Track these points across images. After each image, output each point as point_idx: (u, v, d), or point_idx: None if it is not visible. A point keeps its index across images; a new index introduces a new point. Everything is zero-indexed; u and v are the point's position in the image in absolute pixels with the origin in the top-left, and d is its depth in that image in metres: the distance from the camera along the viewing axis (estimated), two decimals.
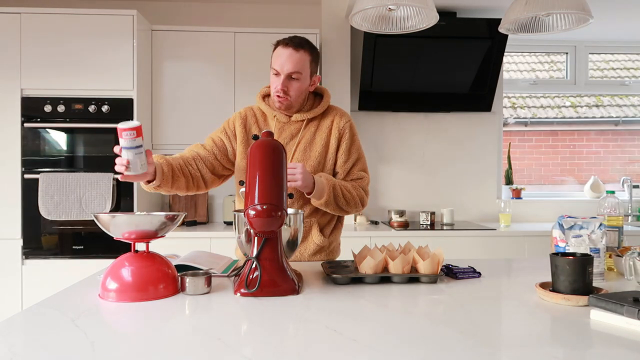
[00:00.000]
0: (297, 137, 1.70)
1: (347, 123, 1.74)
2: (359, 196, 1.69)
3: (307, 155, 1.69)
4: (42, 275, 2.93)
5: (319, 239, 1.70)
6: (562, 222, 1.40)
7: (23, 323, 0.98)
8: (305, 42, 1.64)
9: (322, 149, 1.70)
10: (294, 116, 1.71)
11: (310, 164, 1.68)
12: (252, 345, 0.87)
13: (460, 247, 3.07)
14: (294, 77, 1.61)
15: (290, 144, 1.70)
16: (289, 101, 1.65)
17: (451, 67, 3.35)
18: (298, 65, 1.60)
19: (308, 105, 1.74)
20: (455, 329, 0.95)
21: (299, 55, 1.60)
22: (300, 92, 1.65)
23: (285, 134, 1.71)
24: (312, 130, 1.72)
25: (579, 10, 1.57)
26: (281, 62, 1.61)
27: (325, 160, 1.71)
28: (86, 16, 2.94)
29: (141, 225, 1.20)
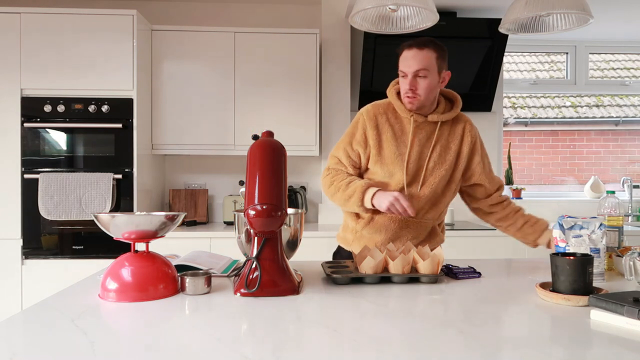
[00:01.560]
0: (432, 138, 1.71)
1: (477, 131, 1.79)
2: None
3: (443, 159, 1.71)
4: (42, 275, 2.92)
5: (439, 238, 1.79)
6: (562, 222, 1.40)
7: (23, 323, 0.98)
8: (429, 41, 1.64)
9: (454, 155, 1.73)
10: (429, 117, 1.71)
11: (445, 167, 1.71)
12: (251, 345, 0.87)
13: (460, 247, 3.07)
14: (420, 74, 1.62)
15: (427, 145, 1.71)
16: (419, 100, 1.65)
17: (451, 67, 3.32)
18: (423, 62, 1.61)
19: (441, 107, 1.74)
20: (455, 329, 0.95)
21: (424, 53, 1.61)
22: (430, 90, 1.65)
23: (421, 134, 1.71)
24: (445, 135, 1.73)
25: (579, 10, 1.57)
26: (407, 64, 1.63)
27: (456, 167, 1.74)
28: (86, 16, 2.94)
29: (141, 225, 1.20)
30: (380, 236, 1.73)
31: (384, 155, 1.70)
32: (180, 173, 3.58)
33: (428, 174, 1.70)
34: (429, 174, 1.70)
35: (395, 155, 1.69)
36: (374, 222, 1.73)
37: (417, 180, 1.70)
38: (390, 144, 1.69)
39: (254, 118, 3.25)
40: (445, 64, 1.68)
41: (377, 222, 1.73)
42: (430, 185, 1.69)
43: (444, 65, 1.68)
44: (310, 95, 3.26)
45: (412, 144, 1.69)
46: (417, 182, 1.70)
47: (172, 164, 3.58)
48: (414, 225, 1.72)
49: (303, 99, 3.25)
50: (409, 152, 1.69)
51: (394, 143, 1.69)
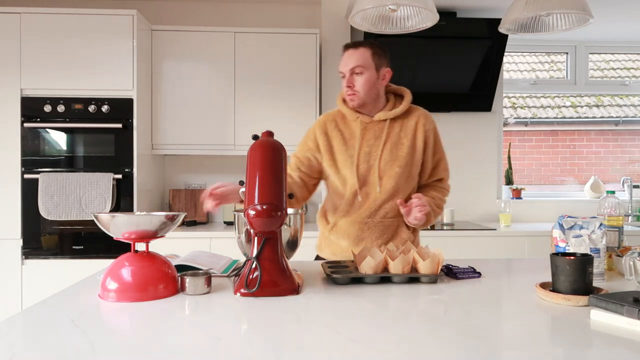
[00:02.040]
0: (381, 137, 1.72)
1: (432, 123, 1.78)
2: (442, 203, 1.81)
3: (395, 155, 1.70)
4: (42, 275, 2.93)
5: (406, 234, 1.75)
6: (562, 222, 1.40)
7: (23, 323, 0.98)
8: (366, 41, 1.69)
9: (409, 150, 1.72)
10: (376, 116, 1.72)
11: (398, 164, 1.70)
12: (252, 345, 0.87)
13: (460, 247, 3.07)
14: (357, 71, 1.65)
15: (376, 144, 1.71)
16: (359, 96, 1.67)
17: (451, 67, 3.35)
18: (359, 60, 1.64)
19: (389, 105, 1.75)
20: (455, 329, 0.95)
21: (359, 51, 1.66)
22: (369, 86, 1.67)
23: (369, 134, 1.72)
24: (396, 131, 1.73)
25: (579, 10, 1.57)
26: (344, 63, 1.68)
27: (413, 162, 1.73)
28: (86, 16, 2.94)
29: (141, 225, 1.20)
30: (345, 241, 1.74)
31: (336, 161, 1.73)
32: (180, 173, 3.58)
33: (381, 173, 1.69)
34: (383, 173, 1.69)
35: (345, 159, 1.71)
36: (337, 227, 1.75)
37: (370, 181, 1.70)
38: (340, 149, 1.72)
39: (254, 118, 3.25)
40: (384, 61, 1.71)
41: (340, 227, 1.74)
42: (387, 186, 1.69)
43: (383, 62, 1.70)
44: (310, 95, 3.26)
45: (360, 145, 1.71)
46: (370, 184, 1.70)
47: (172, 164, 3.58)
48: (375, 226, 1.72)
49: (303, 98, 3.25)
50: (357, 154, 1.70)
51: (343, 148, 1.72)
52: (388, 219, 1.72)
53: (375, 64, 1.67)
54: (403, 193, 1.73)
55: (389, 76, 1.73)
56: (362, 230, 1.72)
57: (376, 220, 1.71)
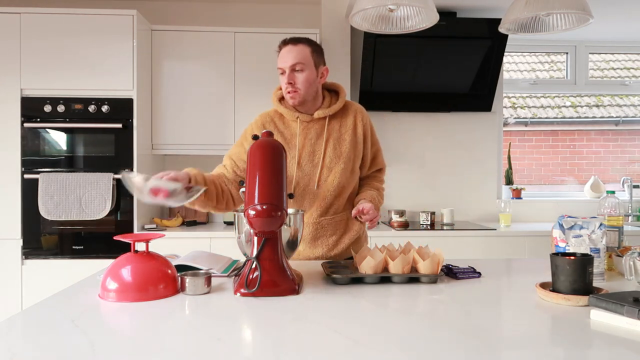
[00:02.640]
0: (323, 135, 1.72)
1: (368, 117, 1.80)
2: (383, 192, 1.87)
3: (338, 151, 1.71)
4: (42, 275, 2.92)
5: (357, 227, 1.76)
6: (562, 222, 1.40)
7: (23, 323, 0.98)
8: (303, 38, 1.68)
9: (351, 145, 1.73)
10: (315, 113, 1.72)
11: (343, 160, 1.71)
12: (252, 345, 0.87)
13: (460, 247, 3.07)
14: (297, 68, 1.64)
15: (318, 143, 1.71)
16: (300, 94, 1.66)
17: (451, 67, 3.35)
18: (298, 56, 1.63)
19: (326, 102, 1.76)
20: (455, 329, 0.95)
21: (298, 48, 1.64)
22: (309, 84, 1.67)
23: (311, 133, 1.72)
24: (336, 127, 1.74)
25: (579, 10, 1.57)
26: (284, 60, 1.65)
27: (355, 156, 1.74)
28: (86, 16, 2.94)
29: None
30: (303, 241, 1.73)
31: None
32: None
33: (326, 171, 1.70)
34: (328, 171, 1.70)
35: (288, 160, 1.70)
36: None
37: (314, 179, 1.70)
38: None
39: (254, 118, 3.24)
40: (322, 59, 1.71)
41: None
42: (332, 183, 1.69)
43: (321, 60, 1.71)
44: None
45: (302, 145, 1.71)
46: (315, 182, 1.70)
47: (172, 164, 3.58)
48: (328, 224, 1.72)
49: None
50: (299, 154, 1.70)
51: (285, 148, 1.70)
52: (338, 215, 1.74)
53: (315, 61, 1.67)
54: (347, 188, 1.75)
55: (327, 74, 1.74)
56: (317, 229, 1.72)
57: (328, 218, 1.72)
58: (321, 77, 1.71)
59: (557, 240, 1.41)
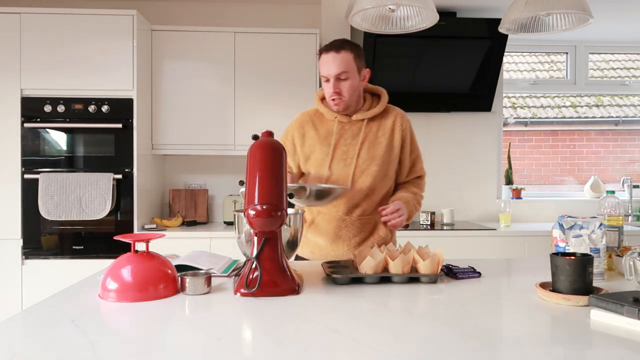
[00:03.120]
0: (359, 136, 1.73)
1: (408, 122, 1.80)
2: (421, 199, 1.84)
3: (372, 154, 1.72)
4: (42, 275, 2.92)
5: (383, 232, 1.76)
6: (562, 222, 1.40)
7: (23, 323, 0.98)
8: (345, 42, 1.67)
9: (386, 149, 1.73)
10: (354, 116, 1.73)
11: (376, 162, 1.71)
12: (252, 345, 0.87)
13: (460, 247, 3.07)
14: (342, 77, 1.65)
15: (353, 144, 1.72)
16: (345, 101, 1.68)
17: (451, 67, 3.35)
18: (342, 65, 1.63)
19: (367, 105, 1.76)
20: (455, 329, 0.95)
21: (341, 55, 1.64)
22: (354, 90, 1.68)
23: (347, 134, 1.73)
24: (374, 130, 1.74)
25: (579, 10, 1.57)
26: (327, 68, 1.65)
27: (390, 161, 1.75)
28: (86, 16, 2.94)
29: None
30: (322, 238, 1.75)
31: (313, 160, 1.74)
32: (180, 173, 3.58)
33: (359, 172, 1.71)
34: (360, 172, 1.71)
35: (322, 158, 1.72)
36: (315, 225, 1.76)
37: (347, 180, 1.71)
38: (317, 148, 1.74)
39: (254, 118, 3.25)
40: (363, 62, 1.71)
41: (317, 224, 1.76)
42: (363, 184, 1.70)
43: (363, 63, 1.71)
44: (310, 94, 3.26)
45: (336, 145, 1.72)
46: (347, 182, 1.70)
47: (172, 164, 3.58)
48: (352, 224, 1.73)
49: (303, 98, 3.25)
50: (332, 152, 1.71)
51: (320, 147, 1.73)
52: (365, 217, 1.74)
53: (357, 66, 1.68)
54: (379, 192, 1.75)
55: (369, 76, 1.74)
56: (340, 227, 1.73)
57: (353, 218, 1.73)
58: (363, 79, 1.72)
59: (557, 240, 1.41)
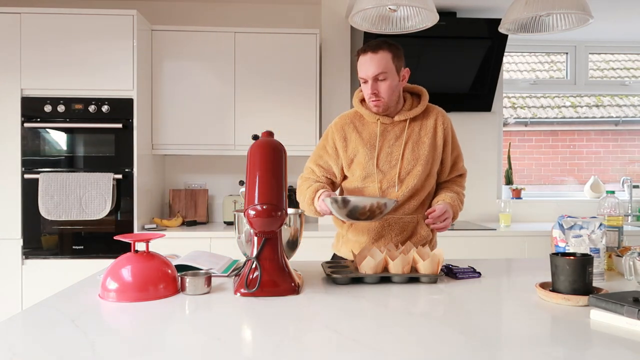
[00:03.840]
0: (402, 137, 1.72)
1: (449, 121, 1.79)
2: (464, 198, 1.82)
3: (416, 154, 1.71)
4: (42, 275, 2.92)
5: (425, 232, 1.75)
6: (562, 222, 1.40)
7: (23, 323, 0.98)
8: (382, 42, 1.65)
9: (430, 148, 1.72)
10: (396, 117, 1.73)
11: (421, 163, 1.71)
12: (251, 345, 0.87)
13: (460, 247, 3.07)
14: (380, 78, 1.63)
15: (397, 145, 1.71)
16: (384, 102, 1.67)
17: (451, 67, 3.35)
18: (380, 65, 1.62)
19: (408, 105, 1.75)
20: (455, 329, 0.95)
21: (379, 56, 1.62)
22: (392, 90, 1.67)
23: (389, 135, 1.72)
24: (416, 130, 1.73)
25: (579, 10, 1.57)
26: (365, 69, 1.64)
27: (434, 159, 1.74)
28: (86, 16, 2.94)
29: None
30: (364, 237, 1.74)
31: (357, 163, 1.73)
32: (180, 173, 3.58)
33: (404, 173, 1.70)
34: (405, 173, 1.70)
35: (366, 160, 1.71)
36: (357, 224, 1.75)
37: (393, 181, 1.70)
38: (360, 151, 1.72)
39: (253, 118, 3.25)
40: (402, 62, 1.70)
41: (360, 223, 1.74)
42: (409, 185, 1.70)
43: (402, 63, 1.69)
44: (310, 95, 3.26)
45: (381, 147, 1.71)
46: (393, 184, 1.70)
47: (172, 164, 3.58)
48: (395, 223, 1.72)
49: (303, 98, 3.25)
50: (377, 155, 1.70)
51: (363, 150, 1.72)
52: (408, 216, 1.73)
53: (396, 66, 1.65)
54: (423, 191, 1.74)
55: (408, 75, 1.72)
56: (383, 227, 1.72)
57: (397, 217, 1.72)
58: (402, 79, 1.70)
59: (557, 240, 1.41)
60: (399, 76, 1.67)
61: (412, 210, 1.73)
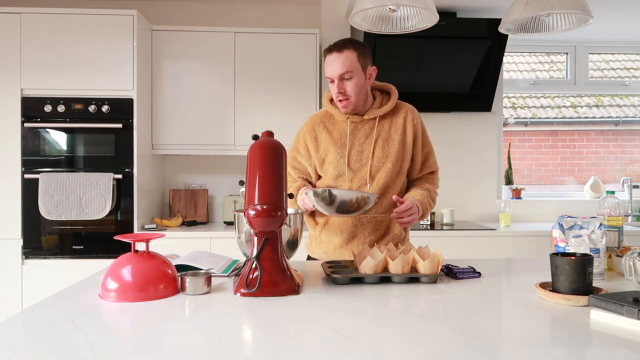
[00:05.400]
0: (372, 135, 1.73)
1: (419, 118, 1.80)
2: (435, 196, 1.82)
3: (387, 151, 1.72)
4: (42, 275, 2.92)
5: (398, 230, 1.76)
6: (562, 222, 1.40)
7: (23, 323, 0.98)
8: (347, 41, 1.66)
9: (399, 145, 1.73)
10: (366, 114, 1.73)
11: (391, 160, 1.71)
12: (251, 345, 0.87)
13: (460, 247, 3.07)
14: (346, 77, 1.64)
15: (367, 143, 1.72)
16: (352, 101, 1.68)
17: (451, 67, 3.35)
18: (346, 65, 1.63)
19: (377, 102, 1.76)
20: (455, 329, 0.95)
21: (344, 55, 1.63)
22: (359, 89, 1.67)
23: (360, 133, 1.74)
24: (386, 128, 1.74)
25: (579, 10, 1.57)
26: (331, 69, 1.65)
27: (404, 156, 1.75)
28: (86, 16, 2.94)
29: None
30: (338, 238, 1.74)
31: (328, 162, 1.74)
32: (180, 173, 3.58)
33: (374, 171, 1.71)
34: (376, 170, 1.71)
35: (338, 160, 1.72)
36: (329, 225, 1.76)
37: (364, 179, 1.71)
38: (331, 150, 1.73)
39: (254, 118, 3.25)
40: (368, 60, 1.70)
41: (332, 224, 1.75)
42: (379, 182, 1.70)
43: (368, 61, 1.70)
44: (310, 94, 3.26)
45: (351, 145, 1.72)
46: (364, 182, 1.71)
47: (172, 164, 3.58)
48: (368, 222, 1.73)
49: (303, 98, 3.25)
50: (348, 154, 1.71)
51: (334, 149, 1.72)
52: (380, 215, 1.74)
53: (362, 65, 1.67)
54: (394, 189, 1.75)
55: (375, 74, 1.73)
56: (356, 226, 1.73)
57: (369, 216, 1.72)
58: (369, 78, 1.71)
59: (557, 240, 1.41)
60: (365, 74, 1.68)
61: (384, 209, 1.74)
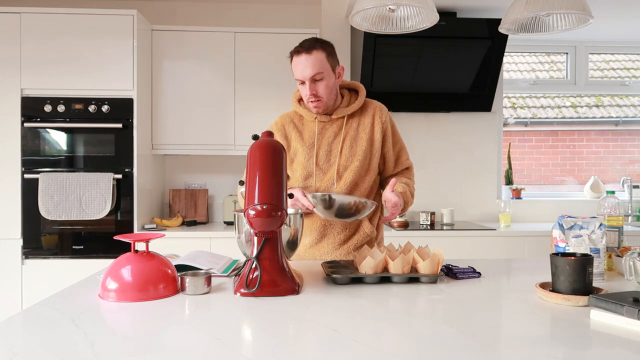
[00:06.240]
0: (340, 134, 1.73)
1: (388, 115, 1.79)
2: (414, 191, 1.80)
3: (354, 150, 1.72)
4: (42, 275, 2.92)
5: (369, 229, 1.74)
6: (562, 222, 1.40)
7: (23, 323, 0.98)
8: (315, 42, 1.66)
9: (367, 144, 1.73)
10: (334, 114, 1.74)
11: (358, 158, 1.71)
12: (252, 345, 0.87)
13: (460, 247, 3.07)
14: (317, 78, 1.64)
15: (335, 142, 1.73)
16: (324, 102, 1.68)
17: (451, 67, 3.35)
18: (316, 66, 1.63)
19: (345, 101, 1.76)
20: (455, 329, 0.95)
21: (313, 56, 1.63)
22: (330, 89, 1.68)
23: (328, 132, 1.74)
24: (354, 126, 1.74)
25: (579, 10, 1.57)
26: (301, 70, 1.65)
27: (372, 155, 1.74)
28: (86, 16, 2.94)
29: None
30: (307, 238, 1.74)
31: (297, 162, 1.74)
32: (180, 173, 3.58)
33: (342, 169, 1.71)
34: (343, 169, 1.71)
35: (306, 160, 1.72)
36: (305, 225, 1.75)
37: (332, 178, 1.71)
38: (300, 150, 1.73)
39: (254, 118, 3.25)
40: (336, 59, 1.70)
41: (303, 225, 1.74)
42: (347, 181, 1.69)
43: (336, 61, 1.70)
44: None
45: (319, 145, 1.72)
46: (332, 181, 1.71)
47: (172, 164, 3.58)
48: (338, 221, 1.71)
49: None
50: (316, 154, 1.71)
51: (303, 149, 1.73)
52: None
53: (331, 64, 1.67)
54: (362, 187, 1.74)
55: (343, 72, 1.74)
56: (325, 226, 1.73)
57: None
58: (338, 77, 1.72)
59: (557, 240, 1.41)
60: (334, 74, 1.69)
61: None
